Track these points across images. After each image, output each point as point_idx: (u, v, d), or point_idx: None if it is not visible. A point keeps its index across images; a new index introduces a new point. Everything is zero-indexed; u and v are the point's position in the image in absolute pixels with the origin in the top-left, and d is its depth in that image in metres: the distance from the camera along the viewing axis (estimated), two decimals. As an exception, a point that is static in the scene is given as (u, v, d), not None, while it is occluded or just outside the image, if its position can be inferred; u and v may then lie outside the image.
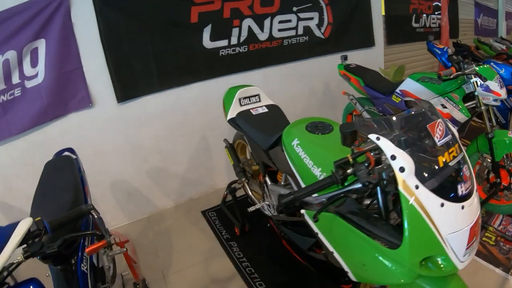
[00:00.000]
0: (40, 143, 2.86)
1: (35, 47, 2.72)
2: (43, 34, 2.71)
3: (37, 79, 2.77)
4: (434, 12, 6.85)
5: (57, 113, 2.91)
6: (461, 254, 1.28)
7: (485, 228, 3.07)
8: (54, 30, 2.73)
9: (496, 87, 2.95)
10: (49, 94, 2.82)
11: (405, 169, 1.23)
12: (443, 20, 6.63)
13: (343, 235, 1.53)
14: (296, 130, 2.08)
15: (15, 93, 2.72)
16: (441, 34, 6.72)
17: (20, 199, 2.76)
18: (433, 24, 6.84)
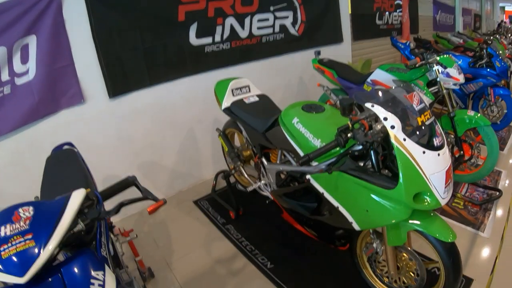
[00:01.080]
0: (31, 142, 2.84)
1: (25, 43, 2.68)
2: (34, 30, 2.69)
3: (27, 76, 2.73)
4: (396, 10, 7.32)
5: (48, 110, 2.88)
6: (441, 191, 1.67)
7: (454, 195, 3.47)
8: (45, 26, 2.71)
9: (455, 73, 3.35)
10: (40, 91, 2.78)
11: (395, 127, 1.61)
12: (404, 17, 7.08)
13: (347, 188, 1.87)
14: (294, 111, 2.38)
15: (4, 91, 2.65)
16: (402, 30, 7.17)
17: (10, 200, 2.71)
18: (395, 21, 7.30)
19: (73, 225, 1.23)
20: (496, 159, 3.35)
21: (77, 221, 1.25)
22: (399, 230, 1.90)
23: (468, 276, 2.47)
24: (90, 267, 1.23)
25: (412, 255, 2.05)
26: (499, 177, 3.89)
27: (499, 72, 4.65)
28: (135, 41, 3.20)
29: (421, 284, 2.06)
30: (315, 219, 2.30)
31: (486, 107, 5.04)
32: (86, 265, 1.23)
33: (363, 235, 2.23)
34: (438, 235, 1.79)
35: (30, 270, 1.06)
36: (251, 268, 2.68)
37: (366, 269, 2.35)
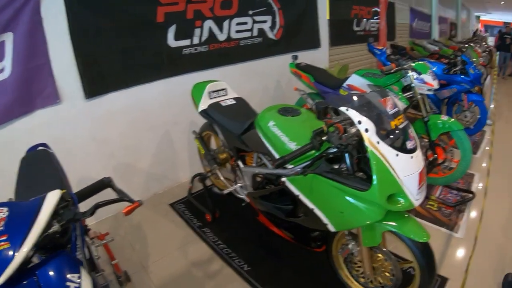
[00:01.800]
0: (5, 142, 2.74)
1: (1, 41, 2.60)
2: (11, 28, 2.61)
3: (3, 74, 2.64)
4: (373, 17, 7.48)
5: (23, 110, 2.79)
6: (415, 193, 1.72)
7: (428, 198, 3.54)
8: (22, 23, 2.64)
9: (430, 79, 3.43)
10: (16, 90, 2.69)
11: (369, 130, 1.63)
12: (381, 24, 7.21)
13: (322, 190, 1.89)
14: (270, 114, 2.39)
15: (-22, 89, 2.55)
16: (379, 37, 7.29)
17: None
18: (372, 27, 7.45)
19: (48, 227, 1.21)
20: (469, 163, 3.44)
21: (52, 223, 1.23)
22: (374, 231, 1.93)
23: (443, 275, 2.54)
24: (66, 269, 1.21)
25: (387, 256, 2.08)
26: (472, 180, 3.99)
27: (473, 79, 4.79)
28: (113, 42, 3.16)
29: (397, 284, 2.10)
30: (291, 221, 2.31)
31: (459, 112, 5.18)
32: (61, 267, 1.20)
33: (339, 237, 2.25)
34: (412, 236, 1.83)
35: (5, 273, 1.04)
36: (228, 271, 2.67)
37: (342, 270, 2.38)
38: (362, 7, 7.09)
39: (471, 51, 6.93)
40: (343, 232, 2.17)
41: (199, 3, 3.68)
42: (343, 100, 1.77)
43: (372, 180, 1.66)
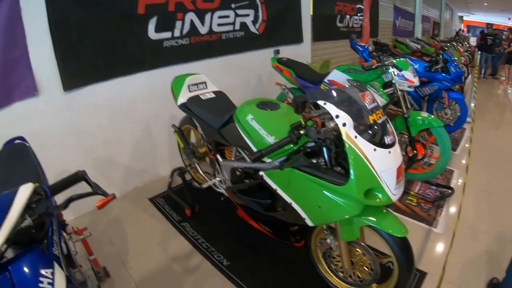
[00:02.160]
0: None
1: None
2: None
3: None
4: (357, 14, 7.53)
5: (0, 102, 2.70)
6: (392, 188, 1.71)
7: (407, 193, 3.58)
8: (1, 13, 2.56)
9: (411, 76, 3.46)
10: None
11: (346, 124, 1.62)
12: (365, 21, 7.30)
13: (300, 184, 1.87)
14: (249, 108, 2.37)
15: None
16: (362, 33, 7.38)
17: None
18: (355, 24, 7.50)
19: (21, 221, 1.17)
20: (448, 159, 3.48)
21: (25, 217, 1.20)
22: (352, 226, 1.93)
23: (422, 270, 2.56)
24: (39, 264, 1.18)
25: (366, 250, 2.09)
26: (451, 176, 4.05)
27: (454, 77, 4.86)
28: (92, 33, 3.09)
29: (375, 278, 2.11)
30: (269, 215, 2.30)
31: (440, 109, 5.25)
32: (35, 262, 1.18)
33: (317, 231, 2.25)
34: (391, 230, 1.84)
35: None
36: (207, 265, 2.65)
37: (321, 264, 2.39)
38: (346, 3, 7.13)
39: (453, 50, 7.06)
40: (322, 226, 2.17)
41: (181, -5, 3.64)
42: (321, 94, 1.76)
43: (350, 174, 1.66)
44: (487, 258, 2.75)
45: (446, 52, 5.24)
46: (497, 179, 4.05)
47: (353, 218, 1.88)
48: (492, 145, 5.26)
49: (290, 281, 2.49)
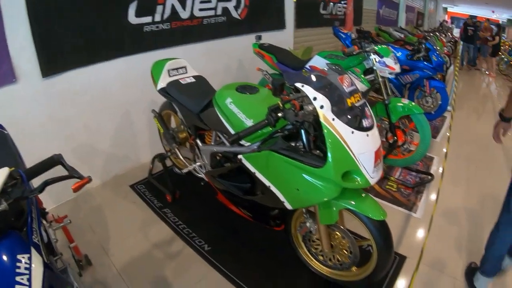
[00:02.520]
0: None
1: None
2: None
3: None
4: (341, 1, 7.51)
5: None
6: (370, 171, 1.71)
7: (387, 178, 3.62)
8: None
9: (392, 62, 3.48)
10: None
11: (324, 107, 1.62)
12: (348, 8, 7.28)
13: (278, 167, 1.87)
14: (228, 92, 2.36)
15: None
16: (345, 21, 7.36)
17: None
18: (339, 12, 7.48)
19: None
20: (427, 145, 3.53)
21: (1, 201, 1.17)
22: (330, 209, 1.94)
23: (402, 254, 2.61)
24: (16, 249, 1.17)
25: (345, 234, 2.11)
26: (431, 163, 4.11)
27: (435, 66, 4.92)
28: (71, 18, 3.00)
29: (355, 261, 2.14)
30: (249, 199, 2.30)
31: (421, 97, 5.31)
32: (11, 247, 1.17)
33: (297, 215, 2.27)
34: (369, 214, 1.86)
35: None
36: (189, 251, 2.65)
37: (301, 248, 2.41)
38: (330, -10, 7.10)
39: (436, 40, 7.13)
40: (301, 210, 2.18)
41: (162, -21, 3.57)
42: (299, 77, 1.75)
43: (327, 157, 1.66)
44: (465, 242, 2.81)
45: (429, 41, 5.29)
46: (477, 166, 4.13)
47: (331, 201, 1.89)
48: (473, 133, 5.36)
49: (270, 265, 2.51)
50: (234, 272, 2.44)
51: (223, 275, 2.43)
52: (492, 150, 4.50)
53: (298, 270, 2.44)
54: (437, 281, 2.44)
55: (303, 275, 2.42)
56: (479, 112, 6.93)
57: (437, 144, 4.76)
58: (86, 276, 2.41)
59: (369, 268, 2.08)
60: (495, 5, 23.29)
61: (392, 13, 11.93)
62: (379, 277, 2.07)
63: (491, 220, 2.27)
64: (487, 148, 4.64)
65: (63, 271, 1.65)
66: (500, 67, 11.83)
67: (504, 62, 11.82)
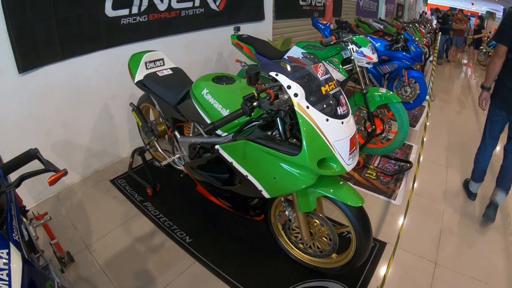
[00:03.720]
0: None
1: None
2: None
3: None
4: (321, -8, 7.46)
5: None
6: (346, 158, 1.74)
7: (367, 167, 3.68)
8: None
9: (369, 52, 3.51)
10: None
11: (298, 95, 1.63)
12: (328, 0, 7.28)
13: (254, 156, 1.89)
14: (204, 83, 2.37)
15: None
16: (325, 12, 7.38)
17: None
18: (318, 3, 7.48)
19: None
20: (406, 134, 3.59)
21: None
22: (308, 197, 1.98)
23: (382, 240, 2.68)
24: None
25: (323, 221, 2.15)
26: (410, 151, 4.19)
27: (414, 56, 4.97)
28: (48, 12, 2.92)
29: (335, 248, 2.19)
30: (228, 189, 2.32)
31: (400, 87, 5.39)
32: None
33: (276, 204, 2.30)
34: (347, 201, 1.90)
35: None
36: (171, 243, 2.67)
37: (281, 237, 2.45)
38: (310, -18, 7.09)
39: (415, 31, 7.21)
40: (280, 199, 2.21)
41: (138, -30, 3.52)
42: (273, 65, 1.76)
43: (302, 145, 1.68)
44: (444, 227, 2.88)
45: (407, 32, 5.35)
46: (455, 154, 4.22)
47: (309, 189, 1.92)
48: (452, 122, 5.50)
49: (252, 254, 2.55)
50: (216, 263, 2.46)
51: (205, 266, 2.45)
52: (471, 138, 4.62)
53: (279, 258, 2.48)
54: (416, 265, 2.51)
55: (284, 264, 2.45)
56: (458, 101, 7.06)
57: (416, 133, 4.85)
58: (69, 273, 2.40)
59: (349, 255, 2.13)
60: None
61: (372, 4, 11.99)
62: (359, 263, 2.12)
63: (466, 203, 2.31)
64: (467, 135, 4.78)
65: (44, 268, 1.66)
66: (479, 58, 12.02)
67: (483, 53, 11.96)
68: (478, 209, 3.14)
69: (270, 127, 1.93)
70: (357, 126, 3.75)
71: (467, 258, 2.60)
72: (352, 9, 10.17)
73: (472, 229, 2.91)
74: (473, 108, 6.42)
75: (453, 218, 3.01)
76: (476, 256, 2.61)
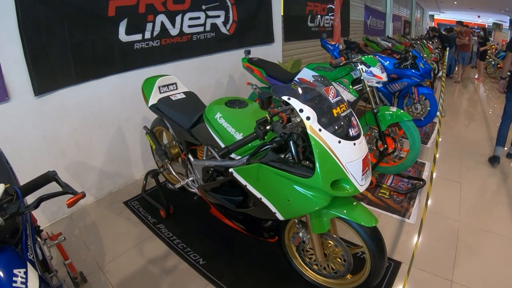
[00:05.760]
0: None
1: None
2: None
3: None
4: (328, 14, 7.60)
5: None
6: (359, 179, 1.75)
7: (380, 186, 3.66)
8: None
9: (378, 72, 3.54)
10: None
11: (310, 118, 1.66)
12: (336, 20, 7.39)
13: (268, 179, 1.91)
14: (217, 107, 2.41)
15: None
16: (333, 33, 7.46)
17: None
18: (326, 24, 7.58)
19: None
20: (418, 152, 3.58)
21: None
22: (321, 218, 1.98)
23: (397, 260, 2.64)
24: (12, 264, 1.19)
25: (338, 242, 2.14)
26: (423, 168, 4.16)
27: (423, 73, 4.99)
28: (63, 36, 3.02)
29: (349, 269, 2.17)
30: (242, 212, 2.32)
31: (410, 104, 5.38)
32: (7, 262, 1.18)
33: (290, 226, 2.30)
34: (360, 221, 1.90)
35: None
36: (184, 265, 2.66)
37: (295, 258, 2.43)
38: (317, 3, 7.20)
39: (423, 47, 7.24)
40: (294, 220, 2.21)
41: (152, -3, 3.63)
42: (285, 89, 1.79)
43: (316, 167, 1.69)
44: (459, 244, 2.85)
45: (415, 49, 5.37)
46: (468, 169, 4.19)
47: (322, 210, 1.93)
48: (463, 138, 5.45)
49: (266, 276, 2.53)
50: (230, 285, 2.45)
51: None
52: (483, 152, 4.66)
53: (294, 280, 2.46)
54: (432, 284, 2.47)
55: (298, 285, 2.43)
56: (468, 116, 7.03)
57: (428, 150, 4.82)
58: (82, 293, 2.40)
59: (363, 275, 2.12)
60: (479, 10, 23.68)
61: (379, 23, 12.10)
62: (374, 283, 2.10)
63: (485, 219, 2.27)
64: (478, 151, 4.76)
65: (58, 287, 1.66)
66: (488, 71, 11.95)
67: (491, 65, 11.90)
68: (493, 225, 3.10)
69: (283, 150, 1.95)
70: (369, 145, 3.75)
71: (484, 275, 2.56)
72: (359, 28, 10.26)
73: (488, 246, 2.86)
74: (484, 123, 6.38)
75: (468, 234, 2.97)
76: (493, 273, 2.57)
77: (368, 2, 10.78)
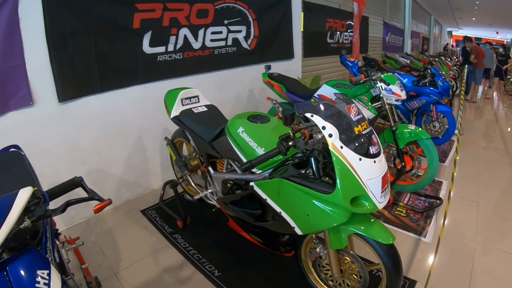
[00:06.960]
0: None
1: None
2: None
3: None
4: (347, 30, 7.67)
5: None
6: (378, 196, 1.76)
7: (396, 204, 3.63)
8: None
9: (397, 89, 3.55)
10: None
11: (333, 135, 1.69)
12: (355, 37, 7.43)
13: (288, 193, 1.93)
14: (240, 121, 2.45)
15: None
16: (352, 49, 7.50)
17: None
18: (345, 40, 7.63)
19: (20, 222, 1.22)
20: (435, 170, 3.56)
21: (23, 218, 1.24)
22: (339, 234, 1.99)
23: (412, 278, 2.61)
24: (36, 265, 1.21)
25: (354, 258, 2.14)
26: (440, 187, 4.12)
27: (441, 91, 4.98)
28: (89, 45, 3.13)
29: (365, 286, 2.16)
30: (260, 225, 2.34)
31: (428, 122, 5.36)
32: (31, 263, 1.21)
33: (307, 241, 2.30)
34: (378, 238, 1.90)
35: None
36: (199, 276, 2.67)
37: (311, 273, 2.43)
38: (336, 20, 7.27)
39: (441, 64, 7.21)
40: (311, 236, 2.22)
41: (176, 11, 3.72)
42: (308, 107, 1.82)
43: (336, 183, 1.71)
44: (476, 264, 2.81)
45: (434, 66, 5.37)
46: (485, 189, 4.14)
47: (341, 226, 1.94)
48: (481, 156, 5.39)
49: (281, 290, 2.52)
50: (244, 298, 2.45)
51: (233, 301, 2.44)
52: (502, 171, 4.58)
53: (309, 295, 2.45)
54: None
55: (313, 301, 2.42)
56: (487, 134, 6.95)
57: (446, 168, 4.77)
58: (96, 298, 2.43)
59: (379, 292, 2.11)
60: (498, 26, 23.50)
61: (397, 39, 12.10)
62: (389, 301, 2.09)
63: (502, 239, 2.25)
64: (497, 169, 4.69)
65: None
66: (507, 88, 11.74)
67: (510, 83, 11.66)
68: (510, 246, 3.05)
69: (303, 166, 1.97)
70: (387, 163, 3.75)
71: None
72: (378, 45, 10.27)
73: (504, 267, 2.82)
74: (502, 140, 6.30)
75: (484, 255, 2.93)
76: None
77: (387, 19, 10.81)
